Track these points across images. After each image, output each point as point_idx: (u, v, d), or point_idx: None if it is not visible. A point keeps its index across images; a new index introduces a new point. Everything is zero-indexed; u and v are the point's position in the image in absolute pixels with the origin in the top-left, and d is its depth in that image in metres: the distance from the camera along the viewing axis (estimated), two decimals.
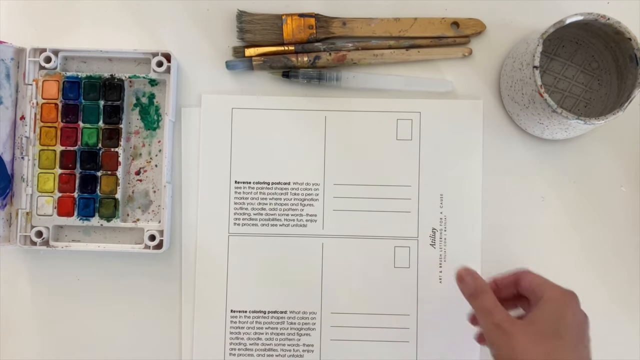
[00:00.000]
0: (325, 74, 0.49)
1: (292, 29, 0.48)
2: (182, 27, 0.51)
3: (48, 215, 0.48)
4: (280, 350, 0.49)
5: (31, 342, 0.49)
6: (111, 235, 0.50)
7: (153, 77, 0.49)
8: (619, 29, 0.43)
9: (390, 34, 0.49)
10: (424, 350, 0.48)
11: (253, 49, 0.49)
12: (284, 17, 0.48)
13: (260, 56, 0.49)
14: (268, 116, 0.50)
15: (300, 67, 0.49)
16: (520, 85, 0.45)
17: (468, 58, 0.50)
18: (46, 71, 0.49)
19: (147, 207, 0.50)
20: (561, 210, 0.50)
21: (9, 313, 0.50)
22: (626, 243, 0.49)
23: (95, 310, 0.50)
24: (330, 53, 0.48)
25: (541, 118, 0.45)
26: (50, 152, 0.49)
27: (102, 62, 0.50)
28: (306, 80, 0.49)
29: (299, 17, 0.48)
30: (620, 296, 0.49)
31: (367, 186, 0.50)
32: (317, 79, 0.49)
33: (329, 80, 0.49)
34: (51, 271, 0.50)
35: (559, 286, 0.40)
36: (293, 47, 0.49)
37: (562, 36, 0.48)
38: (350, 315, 0.49)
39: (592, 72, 0.49)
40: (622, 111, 0.43)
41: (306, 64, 0.48)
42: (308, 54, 0.49)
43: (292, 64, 0.48)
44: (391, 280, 0.49)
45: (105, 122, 0.49)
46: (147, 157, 0.50)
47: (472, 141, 0.50)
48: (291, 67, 0.49)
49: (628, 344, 0.49)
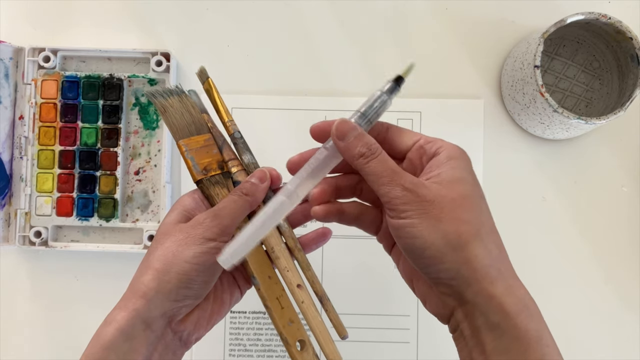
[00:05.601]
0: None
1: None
2: (182, 26, 0.50)
3: (47, 215, 0.48)
4: (280, 350, 0.49)
5: (31, 342, 0.49)
6: (110, 235, 0.49)
7: (152, 76, 0.49)
8: (620, 29, 0.43)
9: None
10: (424, 351, 0.48)
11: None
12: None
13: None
14: (268, 116, 0.50)
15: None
16: (521, 84, 0.45)
17: (468, 58, 0.50)
18: (45, 71, 0.49)
19: (147, 207, 0.49)
20: (562, 210, 0.49)
21: (8, 313, 0.49)
22: (627, 243, 0.49)
23: (94, 311, 0.49)
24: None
25: (542, 118, 0.45)
26: (49, 152, 0.48)
27: (101, 62, 0.50)
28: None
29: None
30: (621, 296, 0.49)
31: None
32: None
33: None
34: (50, 271, 0.49)
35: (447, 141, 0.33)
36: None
37: (563, 36, 0.48)
38: (350, 316, 0.49)
39: (593, 72, 0.49)
40: (623, 111, 0.43)
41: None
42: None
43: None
44: (391, 280, 0.49)
45: (104, 121, 0.48)
46: (147, 157, 0.50)
47: (473, 141, 0.49)
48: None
49: (628, 344, 0.49)
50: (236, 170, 0.36)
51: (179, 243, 0.33)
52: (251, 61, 0.50)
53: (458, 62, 0.50)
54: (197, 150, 0.35)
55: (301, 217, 0.37)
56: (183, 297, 0.33)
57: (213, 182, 0.35)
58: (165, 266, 0.32)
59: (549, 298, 0.49)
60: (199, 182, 0.35)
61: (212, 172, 0.35)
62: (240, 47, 0.50)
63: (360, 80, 0.50)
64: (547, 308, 0.48)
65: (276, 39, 0.50)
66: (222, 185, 0.36)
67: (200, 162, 0.35)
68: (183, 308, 0.33)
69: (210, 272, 0.33)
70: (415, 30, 0.50)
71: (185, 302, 0.33)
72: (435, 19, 0.50)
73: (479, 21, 0.50)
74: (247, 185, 0.34)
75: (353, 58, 0.50)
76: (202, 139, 0.36)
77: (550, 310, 0.49)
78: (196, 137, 0.36)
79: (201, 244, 0.32)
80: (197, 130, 0.36)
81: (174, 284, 0.32)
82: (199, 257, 0.32)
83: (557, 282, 0.49)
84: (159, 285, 0.32)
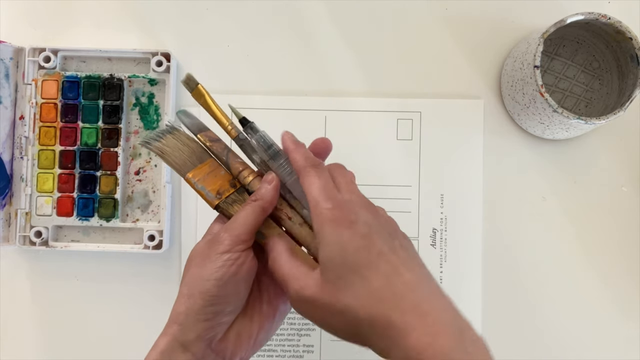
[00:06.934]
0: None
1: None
2: (182, 26, 0.50)
3: (47, 215, 0.48)
4: (280, 350, 0.49)
5: (31, 342, 0.49)
6: (110, 235, 0.50)
7: (152, 76, 0.49)
8: (619, 29, 0.43)
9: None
10: None
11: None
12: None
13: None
14: (268, 116, 0.50)
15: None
16: (521, 84, 0.45)
17: (468, 58, 0.50)
18: (45, 71, 0.49)
19: (147, 207, 0.49)
20: (562, 210, 0.49)
21: (8, 313, 0.49)
22: (627, 243, 0.49)
23: (95, 310, 0.50)
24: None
25: (542, 118, 0.45)
26: (49, 152, 0.48)
27: (101, 62, 0.50)
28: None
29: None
30: (621, 296, 0.49)
31: (367, 186, 0.49)
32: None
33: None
34: (50, 271, 0.50)
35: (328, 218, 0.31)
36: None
37: (563, 36, 0.48)
38: None
39: (593, 72, 0.49)
40: (623, 111, 0.43)
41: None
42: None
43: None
44: None
45: (104, 121, 0.48)
46: (147, 157, 0.50)
47: (473, 141, 0.49)
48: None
49: (628, 344, 0.49)
50: (250, 181, 0.36)
51: (198, 265, 0.34)
52: (251, 61, 0.50)
53: (458, 62, 0.50)
54: (205, 179, 0.36)
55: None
56: (213, 316, 0.33)
57: (230, 203, 0.36)
58: (190, 290, 0.33)
59: (548, 298, 0.49)
60: (217, 207, 0.36)
61: (226, 193, 0.36)
62: (240, 47, 0.50)
63: (360, 81, 0.50)
64: (547, 308, 0.49)
65: (276, 39, 0.50)
66: (240, 201, 0.36)
67: (212, 188, 0.36)
68: (217, 327, 0.34)
69: (233, 286, 0.33)
70: (415, 30, 0.50)
71: (217, 320, 0.33)
72: (435, 19, 0.50)
73: (479, 21, 0.50)
74: (255, 192, 0.35)
75: (353, 58, 0.50)
76: (206, 165, 0.36)
77: (549, 310, 0.49)
78: (200, 166, 0.36)
79: (216, 259, 0.33)
80: (198, 160, 0.36)
81: (199, 304, 0.33)
82: (216, 273, 0.33)
83: (557, 282, 0.49)
84: (188, 308, 0.33)
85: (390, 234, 0.32)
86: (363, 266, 0.30)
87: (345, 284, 0.30)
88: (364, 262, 0.30)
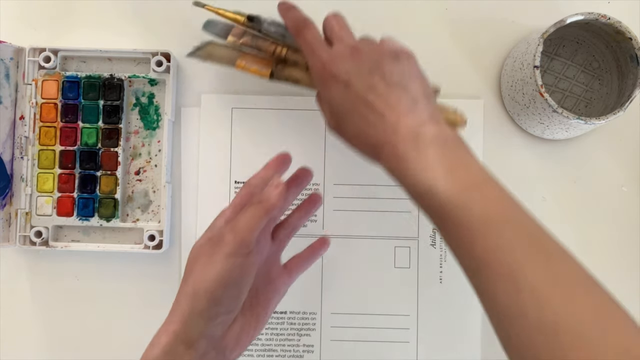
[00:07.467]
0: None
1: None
2: (182, 26, 0.50)
3: (47, 215, 0.48)
4: (280, 350, 0.49)
5: (31, 342, 0.49)
6: (110, 235, 0.50)
7: (153, 76, 0.49)
8: (619, 29, 0.43)
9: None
10: (424, 350, 0.48)
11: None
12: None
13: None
14: (268, 116, 0.50)
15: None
16: (520, 85, 0.45)
17: (468, 58, 0.50)
18: (45, 71, 0.49)
19: (147, 207, 0.49)
20: (562, 210, 0.49)
21: (9, 313, 0.49)
22: (627, 243, 0.49)
23: (95, 311, 0.50)
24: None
25: (542, 118, 0.45)
26: (49, 152, 0.48)
27: (101, 62, 0.50)
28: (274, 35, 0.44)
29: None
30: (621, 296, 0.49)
31: (367, 186, 0.50)
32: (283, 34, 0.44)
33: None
34: (50, 271, 0.50)
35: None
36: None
37: (563, 36, 0.48)
38: (350, 316, 0.49)
39: (593, 72, 0.49)
40: (622, 111, 0.43)
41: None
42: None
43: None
44: (391, 280, 0.49)
45: (104, 121, 0.48)
46: (147, 157, 0.50)
47: (473, 141, 0.49)
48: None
49: None
50: (285, 52, 0.43)
51: (204, 264, 0.34)
52: None
53: (458, 62, 0.50)
54: (251, 61, 0.44)
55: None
56: (216, 315, 0.34)
57: (280, 69, 0.43)
58: (195, 289, 0.34)
59: None
60: (271, 75, 0.43)
61: (272, 66, 0.43)
62: None
63: None
64: None
65: None
66: (291, 64, 0.43)
67: (260, 65, 0.43)
68: (219, 325, 0.35)
69: (237, 287, 0.35)
70: (415, 30, 0.50)
71: (220, 319, 0.34)
72: (435, 19, 0.50)
73: (478, 21, 0.50)
74: (260, 194, 0.36)
75: None
76: (245, 55, 0.44)
77: None
78: (242, 55, 0.44)
79: (221, 261, 0.34)
80: (237, 53, 0.44)
81: (204, 303, 0.34)
82: (223, 274, 0.34)
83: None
84: (192, 307, 0.34)
85: (371, 70, 0.35)
86: (347, 112, 0.36)
87: (340, 127, 0.37)
88: (348, 109, 0.36)
